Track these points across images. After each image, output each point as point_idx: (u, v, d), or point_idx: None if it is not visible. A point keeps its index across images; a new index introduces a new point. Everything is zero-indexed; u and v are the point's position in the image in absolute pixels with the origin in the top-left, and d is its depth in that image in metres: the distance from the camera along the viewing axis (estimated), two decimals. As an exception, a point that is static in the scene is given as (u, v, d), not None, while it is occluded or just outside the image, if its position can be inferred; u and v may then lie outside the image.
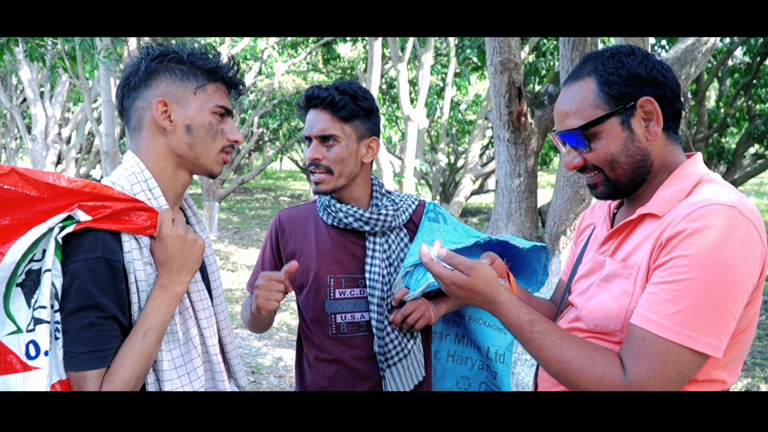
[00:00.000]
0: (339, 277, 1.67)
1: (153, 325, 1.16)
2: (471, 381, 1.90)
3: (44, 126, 10.30)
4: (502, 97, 2.97)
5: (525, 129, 3.03)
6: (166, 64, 1.25)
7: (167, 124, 1.24)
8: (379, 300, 1.64)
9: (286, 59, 12.00)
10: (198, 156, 1.27)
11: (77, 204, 1.12)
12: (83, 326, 1.09)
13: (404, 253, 1.70)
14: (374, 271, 1.65)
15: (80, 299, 1.10)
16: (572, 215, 3.04)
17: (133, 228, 1.17)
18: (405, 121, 6.96)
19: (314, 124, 1.61)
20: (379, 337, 1.64)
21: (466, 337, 1.91)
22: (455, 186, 11.75)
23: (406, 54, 7.09)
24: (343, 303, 1.67)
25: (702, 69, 2.78)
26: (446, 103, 9.97)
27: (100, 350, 1.10)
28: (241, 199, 17.48)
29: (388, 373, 1.64)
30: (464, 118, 12.94)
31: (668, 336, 1.04)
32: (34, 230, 1.08)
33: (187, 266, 1.21)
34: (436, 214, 1.77)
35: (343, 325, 1.67)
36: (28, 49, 7.06)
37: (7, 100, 11.56)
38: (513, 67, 2.91)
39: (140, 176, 1.23)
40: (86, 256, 1.11)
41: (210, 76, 1.27)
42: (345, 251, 1.68)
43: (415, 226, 1.75)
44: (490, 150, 13.52)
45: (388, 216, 1.67)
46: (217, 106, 1.27)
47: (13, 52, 7.76)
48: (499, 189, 3.18)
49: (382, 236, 1.68)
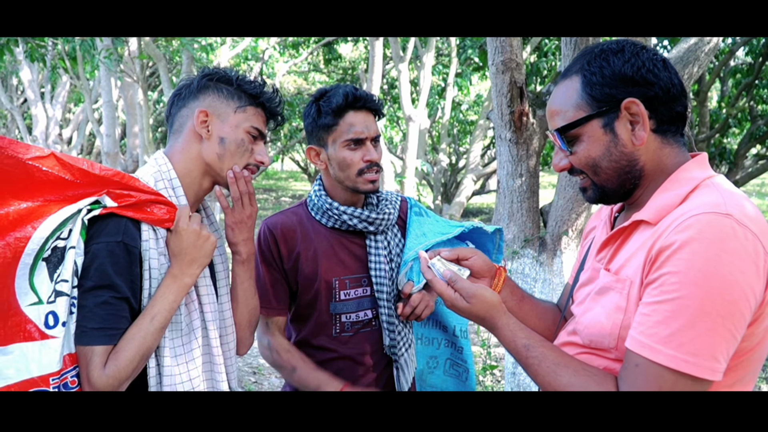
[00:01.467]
0: (343, 279, 1.68)
1: (160, 311, 1.23)
2: (438, 359, 1.97)
3: (45, 127, 10.30)
4: (503, 96, 2.95)
5: (527, 129, 3.02)
6: (216, 82, 1.38)
7: (204, 132, 1.35)
8: (387, 296, 1.68)
9: (287, 60, 12.00)
10: (224, 167, 1.37)
11: (105, 190, 1.21)
12: (97, 304, 1.18)
13: (400, 248, 1.75)
14: (380, 269, 1.68)
15: (98, 278, 1.19)
16: (574, 215, 3.02)
17: (152, 219, 1.26)
18: (406, 122, 6.95)
19: (368, 125, 1.62)
20: (390, 330, 1.69)
21: (431, 319, 1.99)
22: (457, 186, 11.74)
23: (407, 54, 7.08)
24: (348, 303, 1.69)
25: (704, 69, 2.77)
26: (447, 103, 9.96)
27: (110, 328, 1.19)
28: (242, 199, 17.43)
29: (399, 365, 1.70)
30: (466, 119, 12.93)
31: (663, 362, 0.97)
32: (63, 210, 1.18)
33: (197, 260, 1.30)
34: (419, 208, 1.85)
35: (347, 324, 1.69)
36: (28, 49, 7.06)
37: (8, 101, 11.57)
38: (515, 66, 2.90)
39: (165, 174, 1.34)
40: (107, 238, 1.20)
41: (252, 100, 1.39)
42: (347, 252, 1.69)
43: (403, 222, 1.81)
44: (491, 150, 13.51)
45: (389, 215, 1.71)
46: (252, 127, 1.39)
47: (14, 52, 7.76)
48: (501, 189, 3.17)
49: (381, 235, 1.72)
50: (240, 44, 9.86)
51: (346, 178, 1.63)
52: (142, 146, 7.24)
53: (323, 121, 1.61)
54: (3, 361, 1.11)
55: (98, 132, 7.81)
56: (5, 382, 1.11)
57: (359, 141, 1.61)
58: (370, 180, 1.64)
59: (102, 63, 6.30)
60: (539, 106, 3.19)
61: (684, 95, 1.13)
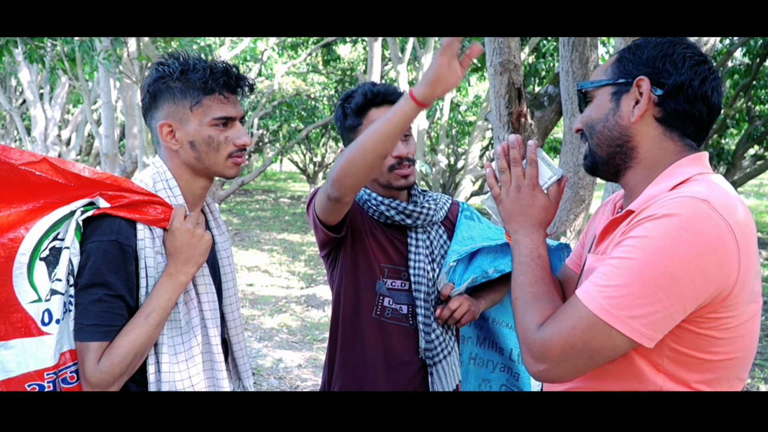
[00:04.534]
0: (383, 266, 1.66)
1: (156, 308, 1.25)
2: (492, 383, 1.91)
3: (44, 128, 10.30)
4: (501, 98, 2.96)
5: (525, 130, 3.02)
6: (167, 83, 1.33)
7: (173, 144, 1.34)
8: (425, 296, 1.64)
9: (285, 60, 12.00)
10: (208, 166, 1.36)
11: (99, 192, 1.24)
12: (92, 301, 1.21)
13: (444, 249, 1.71)
14: (419, 266, 1.66)
15: (91, 276, 1.21)
16: (572, 216, 3.03)
17: (147, 218, 1.28)
18: (405, 123, 6.96)
19: None
20: (425, 332, 1.63)
21: (488, 339, 1.92)
22: (455, 187, 11.74)
23: (405, 55, 7.09)
24: (393, 293, 1.67)
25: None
26: (446, 104, 9.98)
27: (105, 324, 1.21)
28: (241, 200, 17.47)
29: (435, 370, 1.64)
30: (464, 120, 12.94)
31: (588, 304, 1.01)
32: (57, 211, 1.21)
33: (192, 258, 1.30)
34: (471, 212, 1.84)
35: (388, 309, 1.65)
36: (27, 50, 7.05)
37: (7, 102, 11.56)
38: (513, 68, 2.91)
39: (163, 176, 1.35)
40: (101, 238, 1.23)
41: (203, 89, 1.32)
42: (389, 244, 1.68)
43: (452, 224, 1.79)
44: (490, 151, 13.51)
45: (430, 210, 1.68)
46: (214, 119, 1.33)
47: (13, 53, 7.76)
48: (499, 190, 3.17)
49: (423, 232, 1.69)
50: (239, 45, 9.86)
51: (380, 175, 1.62)
52: (141, 147, 7.25)
53: (349, 122, 1.63)
54: (5, 355, 1.17)
55: (97, 133, 7.81)
56: (7, 375, 1.17)
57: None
58: (402, 175, 1.61)
59: (101, 64, 6.30)
60: (537, 107, 3.20)
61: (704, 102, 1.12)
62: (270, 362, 4.96)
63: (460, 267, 1.66)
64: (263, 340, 5.41)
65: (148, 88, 1.36)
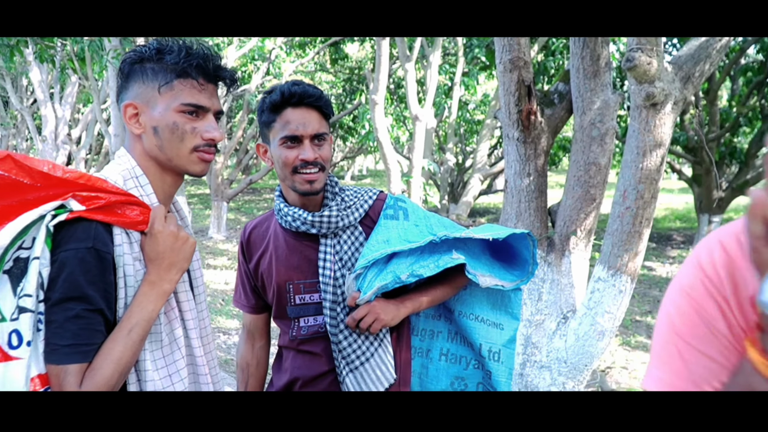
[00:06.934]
0: (297, 283, 1.63)
1: (139, 321, 1.13)
2: (467, 381, 1.82)
3: (54, 127, 10.35)
4: (511, 95, 2.93)
5: (534, 128, 2.99)
6: (142, 63, 1.21)
7: (136, 127, 1.21)
8: (331, 304, 1.59)
9: (293, 59, 11.99)
10: (169, 158, 1.23)
11: (71, 194, 1.10)
12: (68, 318, 1.06)
13: (359, 252, 1.62)
14: (326, 274, 1.60)
15: (67, 289, 1.06)
16: (582, 215, 2.99)
17: (125, 221, 1.15)
18: (413, 121, 6.93)
19: (306, 122, 1.52)
20: (334, 342, 1.59)
21: (459, 334, 1.83)
22: (464, 186, 11.69)
23: (414, 53, 7.05)
24: (305, 308, 1.64)
25: (716, 66, 2.73)
26: (454, 102, 9.93)
27: (83, 344, 1.07)
28: (249, 199, 17.49)
29: (349, 378, 1.59)
30: (472, 118, 12.88)
31: None
32: (23, 216, 1.05)
33: (176, 264, 1.20)
34: (395, 210, 1.67)
35: (304, 328, 1.64)
36: (37, 50, 7.09)
37: (18, 102, 11.64)
38: (522, 65, 2.87)
39: (132, 172, 1.22)
40: (77, 245, 1.08)
41: (176, 71, 1.20)
42: (300, 256, 1.63)
43: (373, 222, 1.67)
44: (498, 150, 13.45)
45: (332, 217, 1.59)
46: (183, 105, 1.20)
47: (23, 53, 7.80)
48: (509, 188, 3.14)
49: (333, 237, 1.62)
50: (247, 44, 9.87)
51: (284, 177, 1.57)
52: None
53: (265, 118, 1.57)
54: None
55: (107, 132, 7.82)
56: None
57: (295, 138, 1.52)
58: (306, 180, 1.53)
59: (110, 63, 6.31)
60: (547, 104, 3.17)
61: None
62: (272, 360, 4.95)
63: (373, 271, 1.54)
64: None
65: (121, 67, 1.24)
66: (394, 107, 12.45)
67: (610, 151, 2.93)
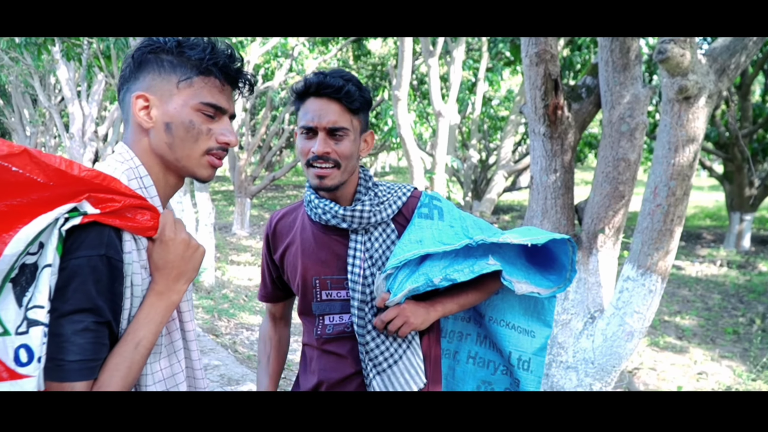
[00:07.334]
0: (324, 279, 1.57)
1: (146, 335, 1.06)
2: (494, 386, 1.77)
3: (81, 124, 10.51)
4: (537, 89, 2.86)
5: (561, 123, 2.91)
6: (158, 54, 1.13)
7: (145, 121, 1.13)
8: (359, 303, 1.52)
9: (316, 56, 12.00)
10: (178, 158, 1.14)
11: (87, 195, 1.00)
12: (76, 331, 0.97)
13: (390, 251, 1.55)
14: (355, 272, 1.53)
15: (78, 300, 0.97)
16: (611, 213, 2.91)
17: (135, 227, 1.06)
18: (436, 117, 6.86)
19: (323, 114, 1.46)
20: (361, 343, 1.53)
21: (488, 338, 1.76)
22: (487, 183, 11.59)
23: (437, 49, 6.98)
24: (332, 305, 1.57)
25: (752, 58, 2.63)
26: (478, 98, 9.84)
27: (91, 359, 0.99)
28: (273, 195, 17.59)
29: (376, 381, 1.53)
30: (496, 114, 12.77)
31: None
32: (38, 220, 0.95)
33: (185, 274, 1.12)
34: (430, 208, 1.59)
35: (330, 326, 1.57)
36: (64, 48, 7.19)
37: (46, 99, 11.84)
38: (549, 58, 2.80)
39: (136, 172, 1.13)
40: (89, 252, 0.99)
41: (199, 67, 1.13)
42: (328, 251, 1.57)
43: (406, 220, 1.59)
44: (522, 146, 13.30)
45: (364, 212, 1.52)
46: (202, 104, 1.13)
47: (51, 51, 7.91)
48: (534, 185, 3.07)
49: (364, 233, 1.55)
50: (270, 41, 9.89)
51: (304, 168, 1.52)
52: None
53: (294, 104, 1.54)
54: None
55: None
56: None
57: (311, 130, 1.47)
58: (317, 174, 1.48)
59: (134, 61, 6.37)
60: (575, 99, 3.09)
61: None
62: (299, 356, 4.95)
63: (404, 272, 1.48)
64: (293, 336, 5.38)
65: (133, 54, 1.14)
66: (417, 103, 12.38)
67: (640, 146, 2.85)
